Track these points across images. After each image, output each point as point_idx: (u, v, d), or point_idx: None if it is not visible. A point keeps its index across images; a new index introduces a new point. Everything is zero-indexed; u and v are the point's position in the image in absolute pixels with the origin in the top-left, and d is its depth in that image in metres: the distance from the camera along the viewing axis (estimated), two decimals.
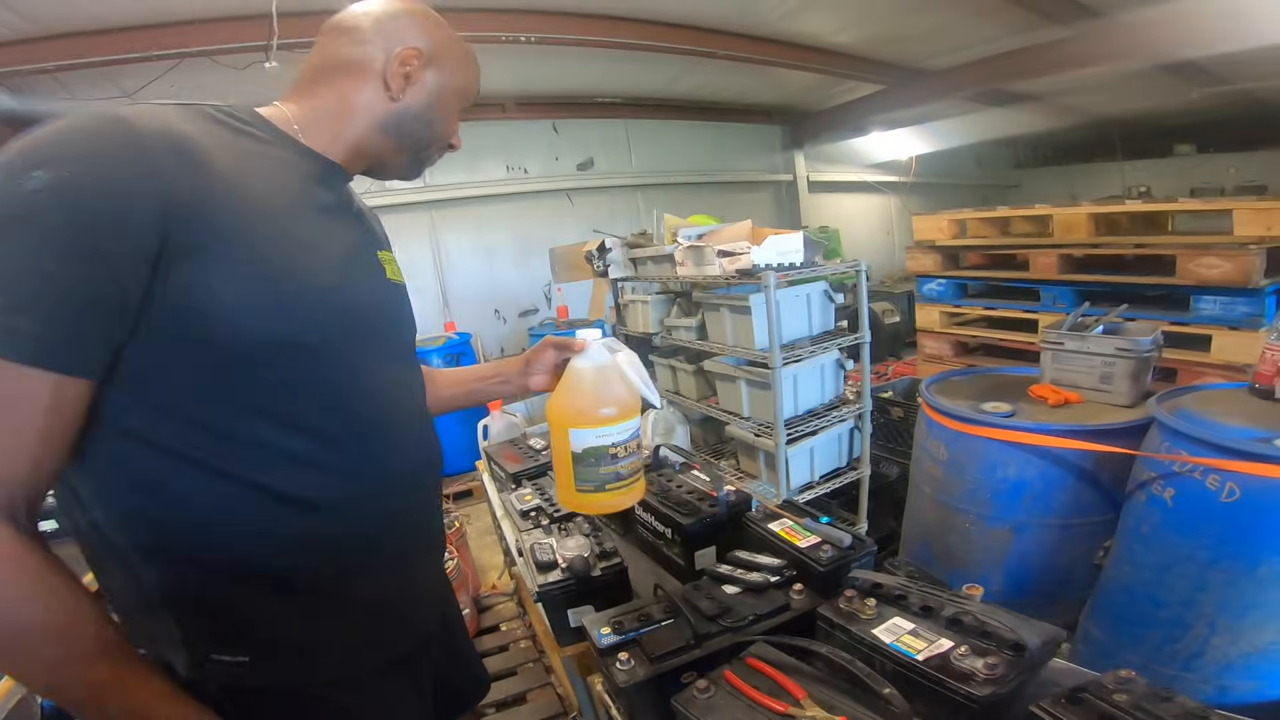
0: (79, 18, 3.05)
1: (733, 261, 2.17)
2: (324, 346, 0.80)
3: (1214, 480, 1.43)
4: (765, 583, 1.20)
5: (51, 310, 0.61)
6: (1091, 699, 0.82)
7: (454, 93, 1.00)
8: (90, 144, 0.64)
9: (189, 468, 0.72)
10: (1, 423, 0.61)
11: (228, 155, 0.74)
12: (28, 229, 0.60)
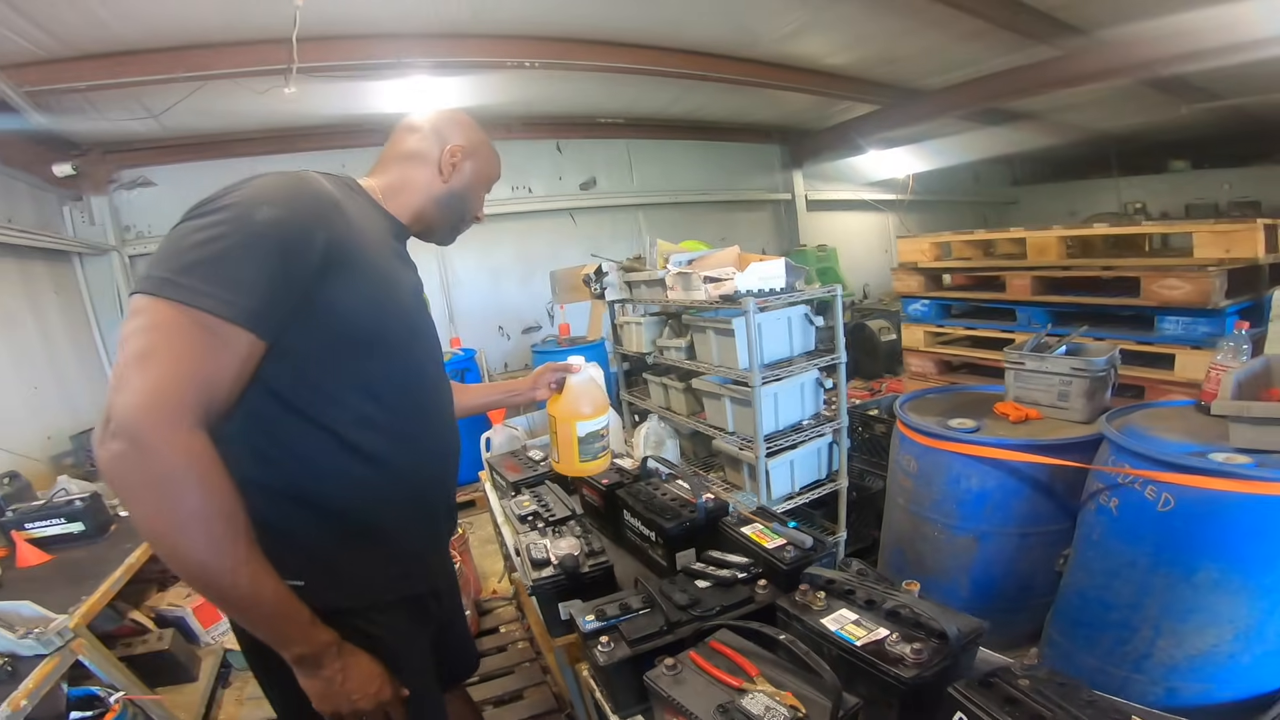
0: (109, 39, 3.18)
1: (717, 287, 2.34)
2: (399, 345, 1.13)
3: (1152, 491, 1.56)
4: (733, 578, 1.35)
5: (260, 293, 0.89)
6: (1000, 683, 0.96)
7: (483, 179, 1.38)
8: (292, 196, 0.97)
9: (297, 417, 1.01)
10: (216, 360, 0.86)
11: (353, 210, 1.10)
12: (255, 241, 0.90)
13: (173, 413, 0.81)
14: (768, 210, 7.71)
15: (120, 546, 2.62)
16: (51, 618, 1.97)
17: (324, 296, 0.98)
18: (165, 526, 0.82)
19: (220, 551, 0.84)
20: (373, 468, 1.09)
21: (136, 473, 0.80)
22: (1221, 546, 1.46)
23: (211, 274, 0.86)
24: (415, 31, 3.62)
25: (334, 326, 1.01)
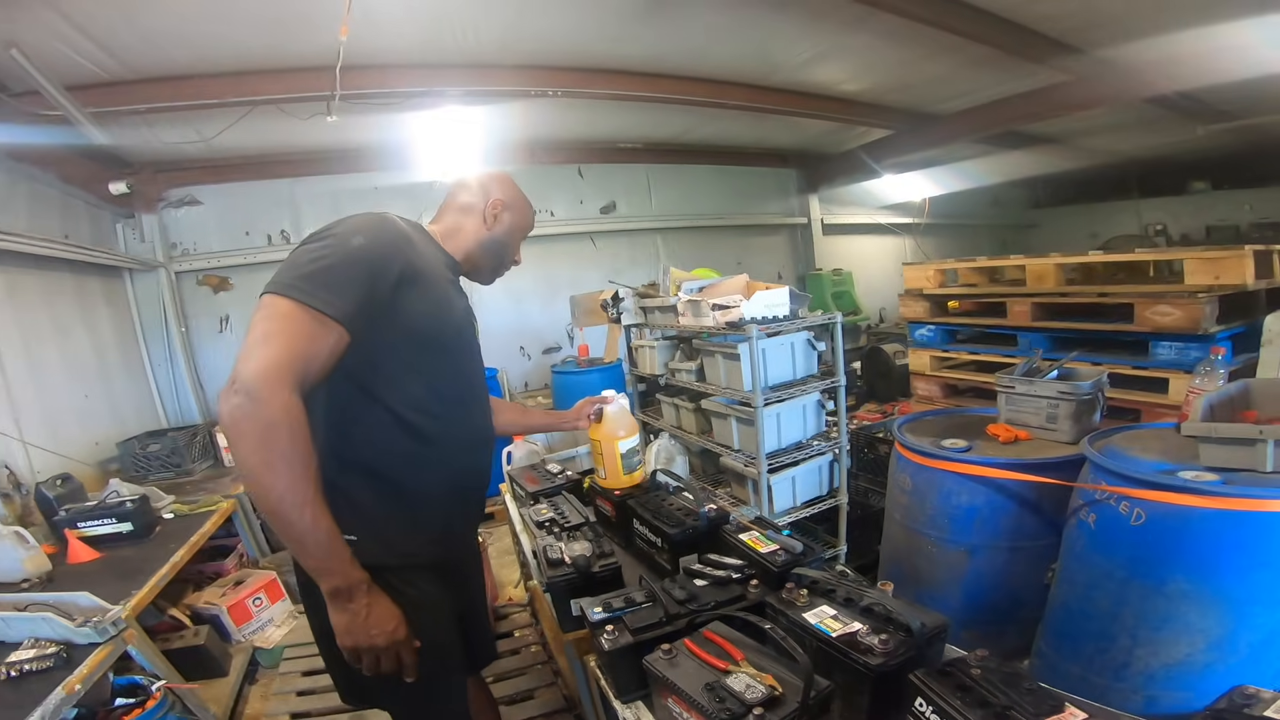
0: (166, 62, 3.36)
1: (724, 314, 2.50)
2: (450, 348, 1.44)
3: (1125, 506, 1.66)
4: (728, 578, 1.49)
5: (350, 297, 1.19)
6: (955, 672, 1.08)
7: (520, 228, 1.69)
8: (377, 230, 1.31)
9: (365, 396, 1.32)
10: (316, 344, 1.16)
11: (421, 245, 1.43)
12: (351, 258, 1.22)
13: (281, 377, 1.08)
14: (784, 234, 7.79)
15: (165, 546, 2.80)
16: (107, 608, 2.12)
17: (397, 305, 1.28)
18: (259, 463, 1.08)
19: (294, 488, 1.09)
20: (420, 443, 1.37)
21: (248, 420, 1.06)
22: (1190, 559, 1.55)
23: (320, 282, 1.17)
24: (446, 62, 3.81)
25: (402, 327, 1.31)
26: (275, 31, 3.17)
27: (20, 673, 1.85)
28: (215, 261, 5.17)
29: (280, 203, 5.37)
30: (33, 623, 2.02)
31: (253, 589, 3.44)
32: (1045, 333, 3.09)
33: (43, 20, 2.71)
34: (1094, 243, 8.55)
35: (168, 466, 4.02)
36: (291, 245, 5.01)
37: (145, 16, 2.86)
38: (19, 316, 3.50)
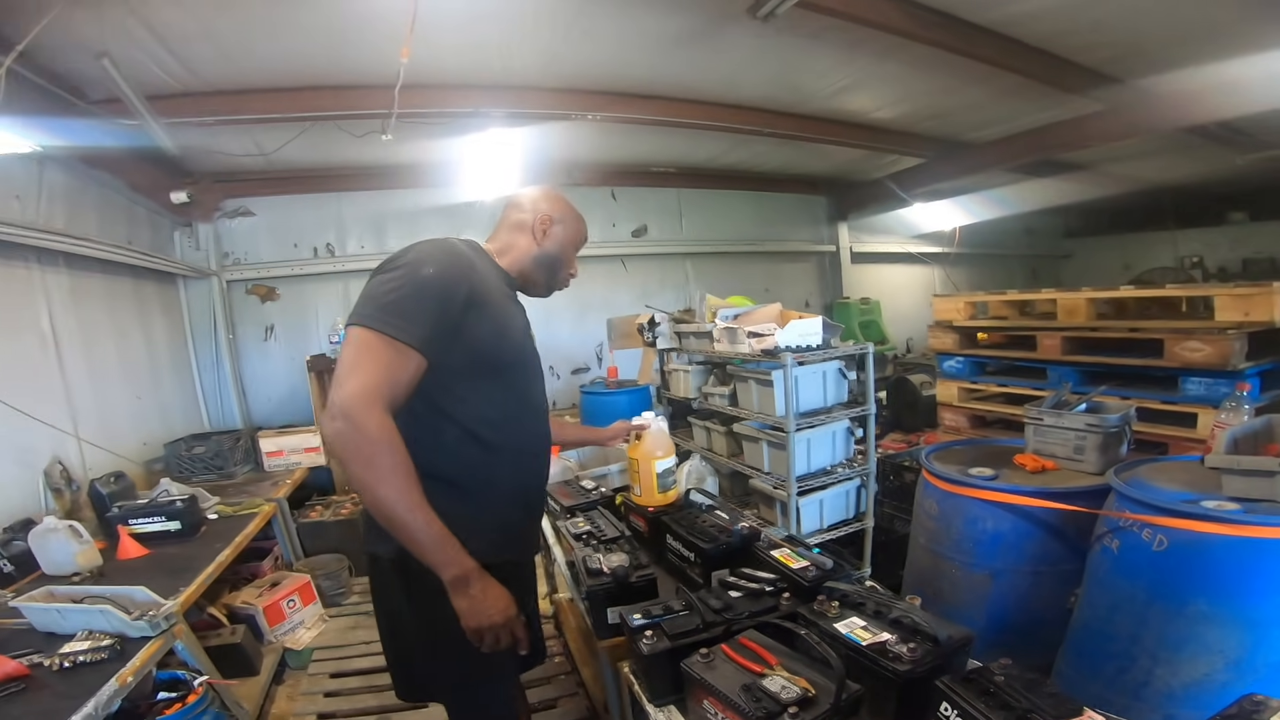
0: (235, 75, 3.49)
1: (760, 342, 2.59)
2: (513, 366, 1.56)
3: (1148, 533, 1.72)
4: (761, 590, 1.56)
5: (425, 324, 1.32)
6: (979, 679, 1.14)
7: (571, 242, 1.76)
8: (444, 258, 1.42)
9: (439, 414, 1.44)
10: (398, 369, 1.29)
11: (482, 267, 1.54)
12: (422, 288, 1.35)
13: (372, 401, 1.23)
14: (812, 262, 7.77)
15: (211, 546, 2.89)
16: (161, 603, 2.16)
17: (463, 328, 1.40)
18: (370, 479, 1.22)
19: (403, 496, 1.23)
20: (487, 453, 1.49)
21: (352, 442, 1.21)
22: (1210, 583, 1.61)
23: (396, 312, 1.31)
24: (490, 83, 3.93)
25: (468, 349, 1.42)
26: (337, 48, 3.30)
27: (74, 664, 1.87)
28: (264, 272, 5.36)
29: (327, 217, 5.55)
30: (88, 615, 2.05)
31: (288, 591, 3.55)
32: (1075, 367, 3.12)
33: (128, 31, 2.84)
34: (1128, 275, 8.43)
35: (211, 469, 4.17)
36: (335, 259, 5.24)
37: (221, 29, 2.99)
38: (82, 317, 3.68)
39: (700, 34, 3.44)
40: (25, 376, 3.13)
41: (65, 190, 3.58)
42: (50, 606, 2.09)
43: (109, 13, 2.67)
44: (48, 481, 3.14)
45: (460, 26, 3.12)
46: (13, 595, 2.33)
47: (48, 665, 1.86)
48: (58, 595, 2.20)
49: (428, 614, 1.45)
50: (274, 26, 3.02)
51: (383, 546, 1.48)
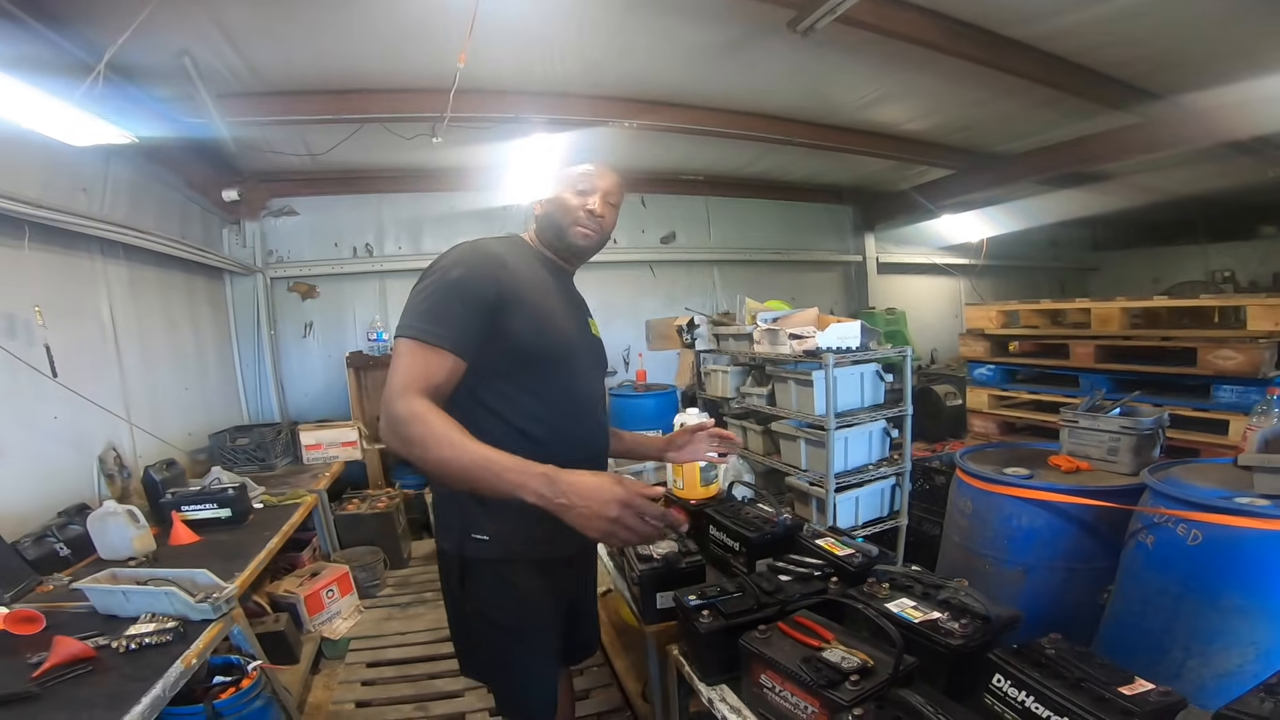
0: (296, 76, 3.61)
1: (801, 344, 2.68)
2: (557, 359, 1.54)
3: (1182, 529, 1.77)
4: (810, 574, 1.63)
5: (455, 326, 1.36)
6: (1030, 652, 1.21)
7: (565, 183, 1.65)
8: (474, 260, 1.45)
9: (484, 409, 1.46)
10: (433, 367, 1.33)
11: (516, 262, 1.53)
12: (450, 291, 1.39)
13: (405, 392, 1.28)
14: (838, 271, 7.80)
15: (259, 534, 2.96)
16: (223, 586, 2.17)
17: (499, 327, 1.43)
18: (420, 451, 1.23)
19: (455, 450, 1.21)
20: (535, 448, 1.38)
21: (389, 428, 1.27)
22: (1243, 576, 1.66)
23: (428, 318, 1.36)
24: (533, 89, 4.02)
25: (507, 347, 1.44)
26: (391, 52, 3.41)
27: (140, 645, 1.87)
28: (305, 270, 5.52)
29: (367, 218, 5.70)
30: (152, 597, 2.05)
31: (327, 581, 3.63)
32: (1108, 375, 3.17)
33: (202, 31, 2.98)
34: (1157, 288, 8.32)
35: (253, 460, 4.30)
36: (374, 259, 5.38)
37: (285, 30, 3.11)
38: (138, 308, 3.82)
39: (737, 46, 3.53)
40: (86, 363, 3.25)
41: (129, 185, 3.72)
42: (115, 589, 2.10)
43: (189, 11, 2.79)
44: (101, 467, 3.25)
45: (508, 35, 3.21)
46: (69, 579, 2.39)
47: (114, 647, 1.85)
48: (120, 578, 2.21)
49: (477, 603, 1.52)
50: (334, 29, 3.13)
51: (446, 541, 1.56)
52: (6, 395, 2.69)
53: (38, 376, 2.82)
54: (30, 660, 1.74)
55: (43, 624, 1.97)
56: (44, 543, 2.56)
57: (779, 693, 1.29)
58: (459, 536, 1.51)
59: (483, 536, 1.46)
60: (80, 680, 1.70)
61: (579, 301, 1.76)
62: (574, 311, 1.69)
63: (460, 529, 1.51)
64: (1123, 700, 1.05)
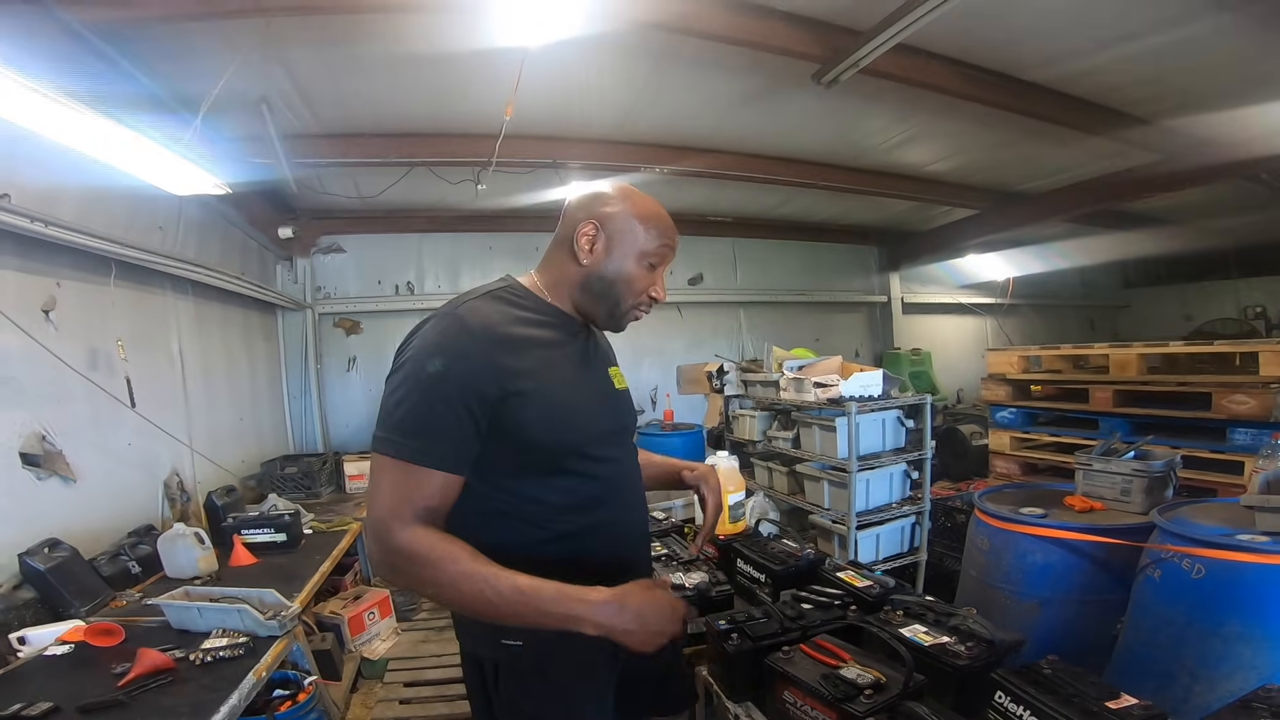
0: (352, 120, 3.85)
1: (825, 391, 2.86)
2: (580, 444, 1.25)
3: (1187, 563, 1.90)
4: (830, 603, 1.76)
5: (441, 439, 1.11)
6: (1029, 671, 1.33)
7: (635, 253, 1.28)
8: (453, 344, 1.14)
9: (499, 515, 1.21)
10: (419, 489, 1.10)
11: (516, 331, 1.21)
12: (431, 392, 1.11)
13: (390, 526, 1.08)
14: (863, 312, 7.83)
15: (311, 557, 3.13)
16: (288, 605, 2.29)
17: (504, 425, 1.15)
18: (433, 593, 1.10)
19: (468, 590, 1.06)
20: (575, 545, 1.25)
21: (386, 565, 1.11)
22: (1244, 605, 1.78)
23: (407, 430, 1.10)
24: (569, 135, 4.26)
25: (520, 443, 1.17)
26: (439, 99, 3.66)
27: (214, 659, 1.98)
28: (350, 306, 5.81)
29: (408, 256, 5.99)
30: (224, 614, 2.18)
31: (369, 604, 3.81)
32: (1126, 418, 3.27)
33: (274, 79, 3.26)
34: (1189, 326, 8.26)
35: (300, 487, 4.52)
36: (414, 296, 5.66)
37: (347, 79, 3.38)
38: (202, 342, 4.10)
39: (764, 95, 3.73)
40: (158, 393, 3.49)
41: (198, 223, 4.02)
42: (190, 605, 2.24)
43: (266, 64, 3.07)
44: (166, 491, 3.48)
45: (546, 85, 3.42)
46: (140, 595, 2.60)
47: (191, 659, 1.97)
48: (194, 595, 2.36)
49: (512, 700, 1.27)
50: (387, 78, 3.39)
51: (470, 641, 1.32)
52: (89, 423, 2.92)
53: (117, 405, 3.06)
54: (115, 670, 1.88)
55: (122, 636, 2.12)
56: (117, 560, 2.76)
57: (800, 708, 1.42)
58: (489, 641, 1.25)
59: (515, 643, 1.21)
60: (163, 690, 1.81)
61: (595, 353, 1.42)
62: (592, 371, 1.38)
63: (489, 632, 1.23)
64: (1109, 714, 1.16)
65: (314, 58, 3.14)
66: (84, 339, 2.95)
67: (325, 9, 2.56)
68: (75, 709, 1.69)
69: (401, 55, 3.09)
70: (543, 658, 1.22)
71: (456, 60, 3.11)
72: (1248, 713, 1.14)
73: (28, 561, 2.35)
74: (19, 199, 2.39)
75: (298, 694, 2.42)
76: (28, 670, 1.97)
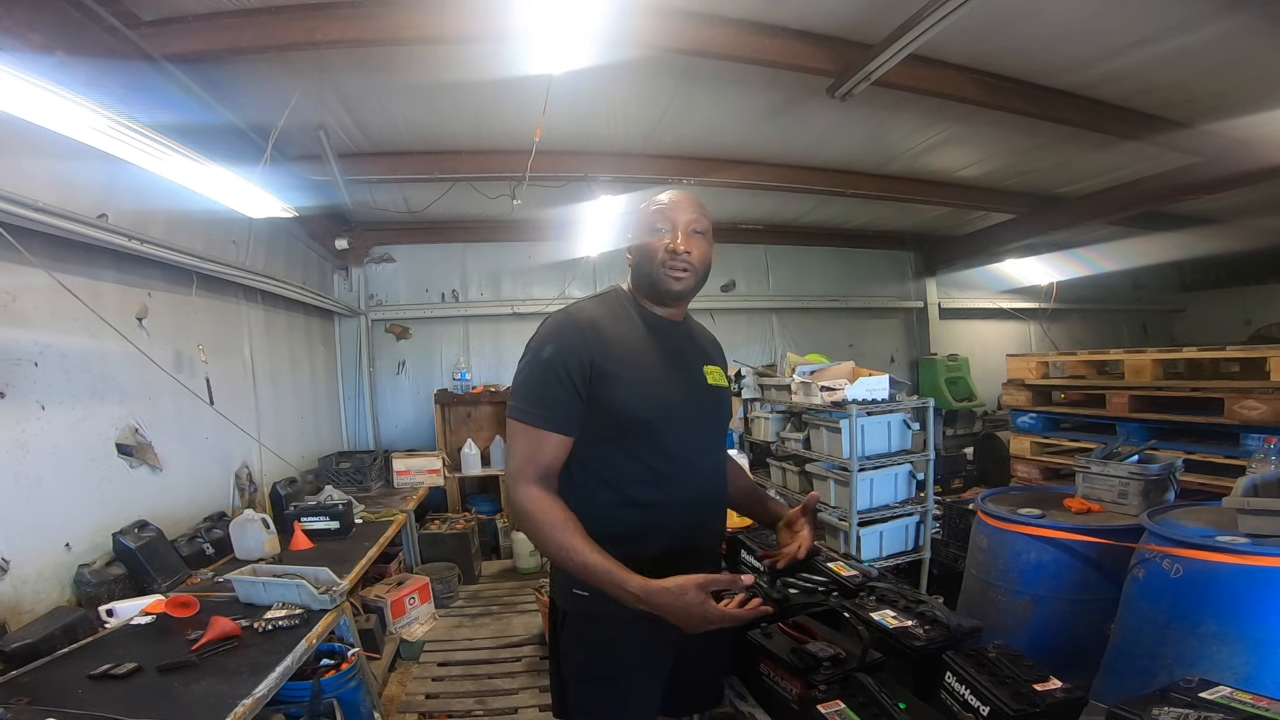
0: (398, 139, 4.11)
1: (831, 395, 3.01)
2: (658, 424, 1.49)
3: (1167, 563, 1.99)
4: (815, 588, 1.92)
5: (554, 406, 1.43)
6: (975, 653, 1.48)
7: (645, 226, 1.56)
8: (561, 333, 1.47)
9: (594, 479, 1.49)
10: (541, 449, 1.42)
11: (611, 326, 1.52)
12: (545, 370, 1.44)
13: (518, 479, 1.41)
14: (899, 318, 7.75)
15: (360, 544, 3.41)
16: (339, 582, 2.55)
17: (597, 398, 1.44)
18: (537, 541, 1.39)
19: (559, 547, 1.33)
20: (647, 514, 1.50)
21: (516, 517, 1.41)
22: (1219, 606, 1.86)
23: (530, 399, 1.44)
24: (598, 150, 4.47)
25: (608, 417, 1.45)
26: (476, 118, 3.91)
27: (275, 628, 2.25)
28: (400, 313, 6.17)
29: (453, 266, 6.31)
30: (285, 588, 2.46)
31: (410, 589, 4.12)
32: (1143, 423, 3.30)
33: (329, 103, 3.54)
34: (1248, 330, 8.01)
35: (352, 481, 4.87)
36: (459, 304, 6.01)
37: (394, 102, 3.66)
38: (270, 347, 4.48)
39: (785, 108, 3.85)
40: (232, 393, 3.85)
41: (267, 236, 4.36)
42: (257, 580, 2.52)
43: (324, 91, 3.36)
44: (236, 482, 3.84)
45: (574, 104, 3.61)
46: (212, 574, 2.93)
47: (255, 627, 2.24)
48: (261, 572, 2.63)
49: (576, 653, 1.54)
50: (429, 100, 3.66)
51: (555, 593, 1.61)
52: (175, 418, 3.27)
53: (198, 403, 3.41)
54: (190, 636, 2.16)
55: (197, 608, 2.40)
56: (194, 543, 3.10)
57: (773, 679, 1.60)
58: (564, 589, 1.53)
59: (583, 592, 1.46)
60: (229, 654, 2.07)
61: (691, 351, 1.67)
62: (681, 365, 1.61)
63: (564, 581, 1.52)
64: (1035, 695, 1.31)
65: (364, 84, 3.42)
66: (171, 343, 3.30)
67: (371, 41, 2.80)
68: (155, 669, 1.96)
69: (442, 81, 3.33)
70: (604, 609, 1.40)
71: (490, 85, 3.33)
72: (1164, 700, 1.25)
73: (121, 540, 2.68)
74: (115, 219, 2.73)
75: (341, 664, 2.67)
76: (115, 638, 2.24)
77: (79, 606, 2.41)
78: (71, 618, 2.24)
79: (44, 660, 2.03)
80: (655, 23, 2.85)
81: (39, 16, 2.17)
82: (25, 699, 1.79)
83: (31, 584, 2.33)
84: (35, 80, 1.80)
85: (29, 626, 2.17)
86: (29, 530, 2.35)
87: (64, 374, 2.58)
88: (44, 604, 2.35)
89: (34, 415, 2.42)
